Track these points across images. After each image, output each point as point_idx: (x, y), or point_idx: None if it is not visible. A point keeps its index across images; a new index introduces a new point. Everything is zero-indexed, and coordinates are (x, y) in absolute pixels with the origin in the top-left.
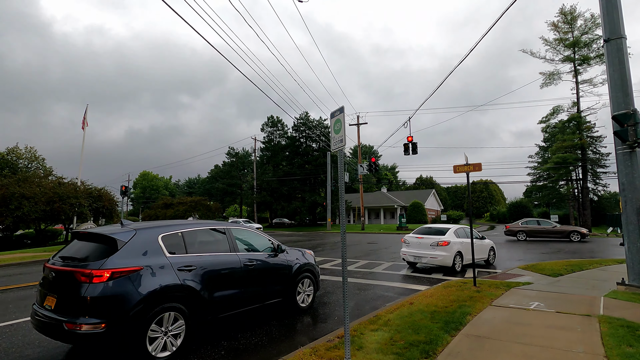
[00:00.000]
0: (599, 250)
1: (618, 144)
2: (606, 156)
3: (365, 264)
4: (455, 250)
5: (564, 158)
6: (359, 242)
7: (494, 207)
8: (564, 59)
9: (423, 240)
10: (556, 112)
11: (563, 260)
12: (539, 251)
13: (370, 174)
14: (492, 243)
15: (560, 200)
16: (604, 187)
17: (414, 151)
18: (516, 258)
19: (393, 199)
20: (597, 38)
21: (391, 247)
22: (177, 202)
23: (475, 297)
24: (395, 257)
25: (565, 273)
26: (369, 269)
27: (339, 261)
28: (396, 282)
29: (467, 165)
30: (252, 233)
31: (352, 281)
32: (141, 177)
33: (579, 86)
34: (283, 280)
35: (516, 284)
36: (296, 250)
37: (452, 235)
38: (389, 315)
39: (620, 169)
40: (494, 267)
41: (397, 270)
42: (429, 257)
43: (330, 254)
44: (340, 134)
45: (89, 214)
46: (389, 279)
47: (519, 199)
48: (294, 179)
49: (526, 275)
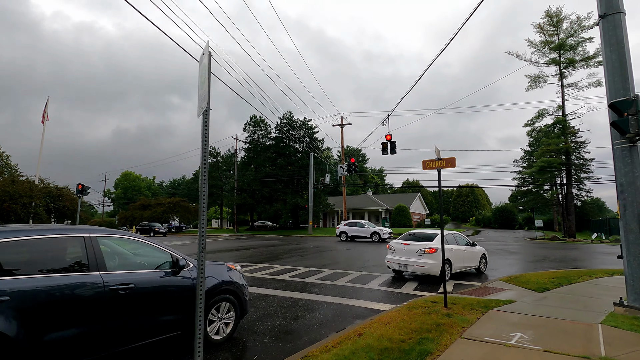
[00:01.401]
0: (585, 259)
1: (615, 138)
2: (590, 162)
3: (330, 274)
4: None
5: (548, 162)
6: (334, 247)
7: (479, 212)
8: (550, 62)
9: (409, 246)
10: (541, 115)
11: (549, 271)
12: (524, 259)
13: (357, 177)
14: (484, 250)
15: (544, 205)
16: (588, 192)
17: (393, 151)
18: (501, 265)
19: (378, 202)
20: (582, 40)
21: (367, 253)
22: (155, 203)
23: (444, 324)
24: (367, 266)
25: (552, 287)
26: (331, 281)
27: (304, 270)
28: (356, 300)
29: (439, 161)
30: (140, 243)
31: (304, 298)
32: (123, 177)
33: (564, 90)
34: (183, 306)
35: (496, 303)
36: (214, 265)
37: (440, 241)
38: (323, 357)
39: (619, 167)
40: (485, 276)
41: (364, 282)
42: (415, 265)
43: (298, 262)
44: (205, 89)
45: (44, 214)
46: (350, 294)
47: (504, 204)
48: (276, 180)
49: (508, 289)
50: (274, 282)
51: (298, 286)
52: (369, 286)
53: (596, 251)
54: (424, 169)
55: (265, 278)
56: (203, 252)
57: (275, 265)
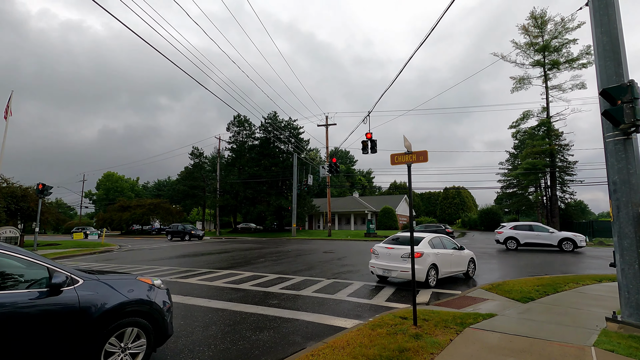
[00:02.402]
0: (571, 263)
1: (608, 130)
2: (573, 164)
3: (298, 282)
4: (430, 263)
5: (533, 164)
6: (314, 250)
7: (465, 214)
8: (535, 63)
9: (393, 251)
10: (526, 117)
11: (534, 278)
12: (508, 263)
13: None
14: (472, 254)
15: (529, 208)
16: (571, 194)
17: (373, 150)
18: (484, 271)
19: (364, 204)
20: (567, 42)
21: (347, 257)
22: (134, 205)
23: (409, 349)
24: (342, 272)
25: (536, 296)
26: (296, 291)
27: (271, 278)
28: (317, 314)
29: (409, 155)
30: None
31: (258, 313)
32: (105, 178)
33: (549, 91)
34: (67, 335)
35: (474, 318)
36: (119, 280)
37: (426, 245)
38: None
39: (611, 163)
40: (473, 282)
41: (333, 291)
42: (399, 271)
43: (269, 268)
44: None
45: (4, 215)
46: (312, 307)
47: (490, 206)
48: (260, 181)
49: (490, 300)
50: (232, 292)
51: (257, 297)
52: (336, 296)
53: (580, 254)
54: (392, 164)
55: (224, 287)
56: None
57: (241, 272)
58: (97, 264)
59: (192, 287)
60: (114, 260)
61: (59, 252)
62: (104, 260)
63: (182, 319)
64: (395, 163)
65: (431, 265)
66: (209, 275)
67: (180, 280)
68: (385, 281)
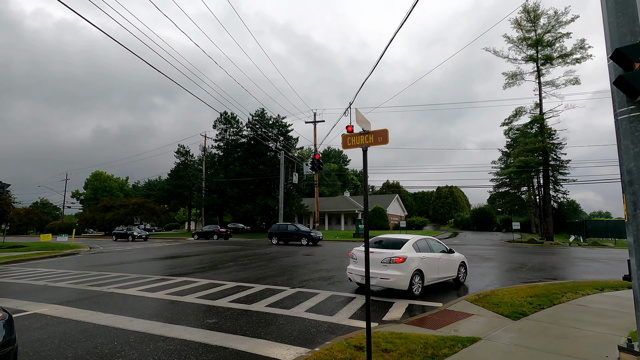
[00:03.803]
0: (566, 266)
1: (621, 104)
2: (566, 163)
3: (257, 292)
4: (414, 269)
5: (526, 162)
6: (294, 252)
7: (458, 214)
8: (527, 59)
9: (373, 255)
10: (519, 113)
11: (526, 285)
12: (499, 267)
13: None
14: (463, 257)
15: (522, 207)
16: (564, 194)
17: None
18: (473, 276)
19: (355, 203)
20: (560, 36)
21: (325, 261)
22: (118, 205)
23: None
24: (313, 279)
25: (530, 311)
26: (247, 304)
27: (228, 287)
28: (256, 338)
29: (364, 135)
30: None
31: (183, 338)
32: (93, 177)
33: (542, 87)
34: None
35: (451, 346)
36: None
37: (410, 248)
38: None
39: (625, 147)
40: (464, 288)
41: (290, 305)
42: (378, 278)
43: (232, 274)
44: None
45: None
46: (254, 328)
47: (482, 206)
48: (247, 180)
49: (475, 315)
50: (168, 307)
51: (194, 315)
52: (292, 312)
53: (576, 256)
54: (344, 147)
55: (162, 300)
56: None
57: (198, 279)
58: (30, 270)
59: (124, 301)
60: (66, 263)
61: (14, 255)
62: (56, 264)
63: (69, 344)
64: (349, 146)
65: (416, 271)
66: (158, 284)
67: (117, 291)
68: (364, 290)
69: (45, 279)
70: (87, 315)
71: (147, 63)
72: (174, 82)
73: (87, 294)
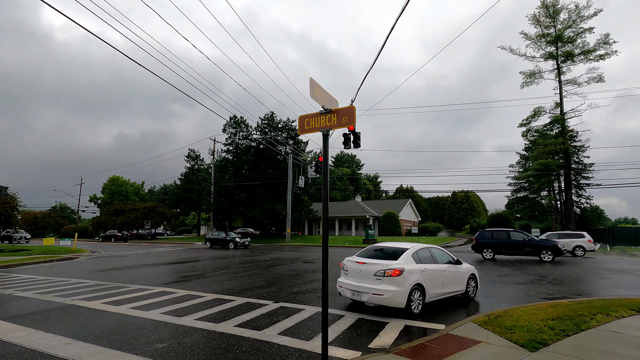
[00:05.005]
0: (592, 278)
1: None
2: (589, 166)
3: (234, 307)
4: (413, 283)
5: (546, 164)
6: (295, 259)
7: (474, 219)
8: (547, 56)
9: (364, 267)
10: (537, 114)
11: (546, 304)
12: (515, 280)
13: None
14: (473, 269)
15: (541, 213)
16: (588, 199)
17: (356, 144)
18: (484, 291)
19: (366, 208)
20: (582, 31)
21: None
22: (129, 209)
23: None
24: (303, 291)
25: (551, 339)
26: (214, 323)
27: (206, 299)
28: None
29: (325, 116)
30: None
31: None
32: (110, 181)
33: (562, 86)
34: None
35: None
36: None
37: (409, 259)
38: None
39: None
40: (475, 304)
41: (264, 326)
42: (370, 294)
43: (217, 284)
44: None
45: None
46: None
47: (500, 211)
48: (255, 184)
49: (482, 343)
50: (122, 325)
51: (146, 335)
52: (262, 335)
53: (603, 267)
54: (301, 132)
55: (123, 317)
56: None
57: (178, 290)
58: (14, 276)
59: (77, 317)
60: (56, 269)
61: (8, 259)
62: (45, 270)
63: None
64: (307, 130)
65: (415, 286)
66: (131, 295)
67: (80, 304)
68: (357, 306)
69: (18, 287)
70: (23, 335)
71: (161, 78)
72: (188, 96)
73: (45, 306)
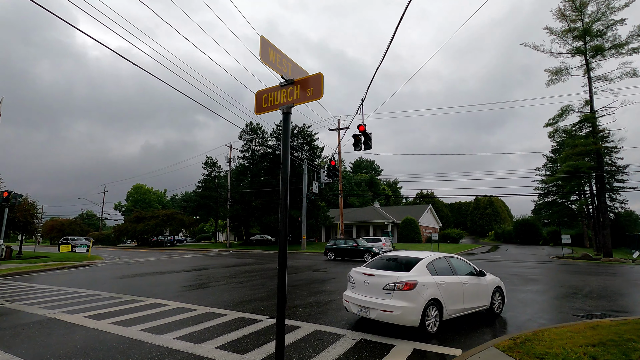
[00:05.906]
0: (634, 291)
1: None
2: (624, 168)
3: (228, 321)
4: (428, 298)
5: (575, 166)
6: (306, 268)
7: (499, 225)
8: (574, 51)
9: (372, 279)
10: (565, 112)
11: (583, 324)
12: (546, 292)
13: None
14: (499, 281)
15: (571, 218)
16: (622, 203)
17: (367, 145)
18: (511, 305)
19: (385, 214)
20: (612, 23)
21: (335, 279)
22: (149, 216)
23: None
24: (306, 304)
25: None
26: (195, 343)
27: (197, 313)
28: None
29: (285, 89)
30: None
31: None
32: (134, 190)
33: (592, 83)
34: None
35: None
36: None
37: (424, 270)
38: None
39: None
40: (502, 321)
41: (250, 347)
42: (379, 310)
43: (215, 296)
44: None
45: None
46: None
47: (526, 217)
48: (271, 190)
49: None
50: (90, 345)
51: (113, 357)
52: (247, 358)
53: None
54: (257, 112)
55: (95, 333)
56: None
57: (172, 302)
58: (19, 284)
59: (48, 334)
60: (64, 277)
61: (21, 267)
62: (52, 278)
63: None
64: (264, 109)
65: (430, 301)
66: (119, 307)
67: (60, 317)
68: (364, 324)
69: (10, 296)
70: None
71: (183, 93)
72: (209, 110)
73: (25, 319)
